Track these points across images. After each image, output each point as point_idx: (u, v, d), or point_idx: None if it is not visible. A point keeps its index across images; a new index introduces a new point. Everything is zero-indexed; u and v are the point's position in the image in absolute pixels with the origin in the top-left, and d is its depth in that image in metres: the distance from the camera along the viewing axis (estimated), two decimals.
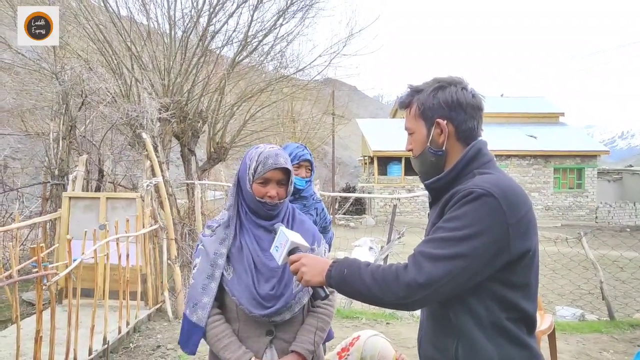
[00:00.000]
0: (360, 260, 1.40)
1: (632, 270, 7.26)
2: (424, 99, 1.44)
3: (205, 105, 8.77)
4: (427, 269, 1.25)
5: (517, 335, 1.34)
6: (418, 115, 1.46)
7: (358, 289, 1.34)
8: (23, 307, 5.24)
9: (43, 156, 7.54)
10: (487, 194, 1.26)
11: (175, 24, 8.18)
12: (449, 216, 1.31)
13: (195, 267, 1.77)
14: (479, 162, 1.40)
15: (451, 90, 1.42)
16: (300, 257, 1.49)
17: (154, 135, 6.19)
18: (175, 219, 6.23)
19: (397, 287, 1.27)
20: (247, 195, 1.77)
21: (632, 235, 14.33)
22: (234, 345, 1.69)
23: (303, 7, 9.07)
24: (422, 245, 1.33)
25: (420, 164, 1.51)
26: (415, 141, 1.49)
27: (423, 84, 1.49)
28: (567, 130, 26.85)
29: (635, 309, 6.62)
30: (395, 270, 1.29)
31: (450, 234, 1.27)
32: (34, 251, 2.96)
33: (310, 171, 2.72)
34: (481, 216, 1.25)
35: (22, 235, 6.73)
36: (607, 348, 4.66)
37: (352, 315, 5.43)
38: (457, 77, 1.47)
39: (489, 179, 1.33)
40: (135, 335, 4.72)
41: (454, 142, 1.43)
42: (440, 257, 1.25)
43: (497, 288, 1.31)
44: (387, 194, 22.90)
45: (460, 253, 1.24)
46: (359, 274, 1.33)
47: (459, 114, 1.41)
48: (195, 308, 1.72)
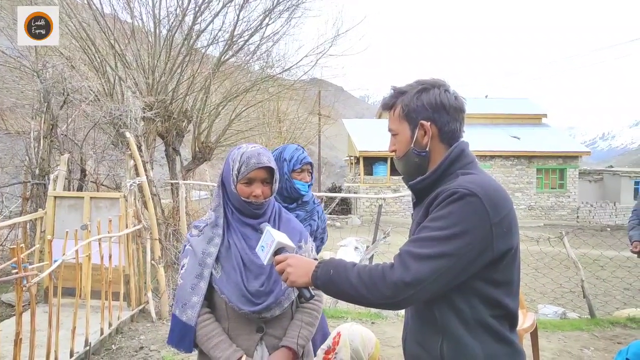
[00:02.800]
0: (346, 261, 1.41)
1: (612, 268, 7.38)
2: (408, 101, 1.46)
3: (190, 104, 8.71)
4: (413, 269, 1.26)
5: (501, 332, 1.37)
6: (402, 117, 1.47)
7: (344, 290, 1.34)
8: (2, 309, 5.14)
9: (23, 155, 7.38)
10: (471, 193, 1.29)
11: (160, 23, 8.11)
12: (433, 216, 1.33)
13: (183, 267, 1.77)
14: (462, 163, 1.43)
15: (434, 93, 1.44)
16: (286, 258, 1.49)
17: (137, 134, 6.12)
18: (160, 219, 6.17)
19: (384, 286, 1.28)
20: (232, 196, 1.77)
21: (612, 235, 14.60)
22: (224, 343, 1.69)
23: (289, 7, 9.08)
24: (408, 245, 1.34)
25: (404, 165, 1.52)
26: (399, 142, 1.51)
27: (406, 85, 1.50)
28: (550, 131, 27.29)
29: (615, 306, 6.74)
30: (382, 270, 1.30)
31: (435, 234, 1.29)
32: (13, 252, 2.90)
33: (311, 174, 2.56)
34: (465, 216, 1.28)
35: (2, 235, 6.60)
36: (588, 345, 4.74)
37: (338, 315, 5.44)
38: (440, 80, 1.49)
39: (472, 179, 1.36)
40: (118, 336, 4.66)
41: (437, 144, 1.45)
42: (426, 257, 1.27)
43: (480, 286, 1.34)
44: (372, 193, 23.00)
45: (446, 252, 1.26)
46: (345, 274, 1.34)
47: (442, 116, 1.43)
48: (184, 308, 1.71)
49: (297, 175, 2.45)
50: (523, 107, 28.93)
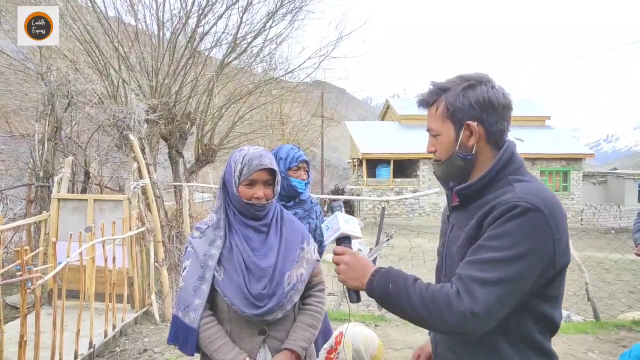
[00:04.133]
0: (404, 274, 1.31)
1: (617, 271, 7.35)
2: (452, 99, 1.33)
3: (193, 106, 8.73)
4: (481, 298, 1.15)
5: (543, 344, 1.30)
6: (446, 117, 1.34)
7: (403, 309, 1.26)
8: (7, 311, 5.15)
9: (28, 157, 7.42)
10: (534, 208, 1.18)
11: (163, 25, 8.14)
12: (493, 233, 1.20)
13: (185, 270, 1.76)
14: (513, 168, 1.32)
15: (482, 90, 1.32)
16: (344, 252, 1.40)
17: (141, 136, 6.13)
18: (163, 221, 6.18)
19: (449, 315, 1.18)
20: (234, 198, 1.77)
21: (617, 237, 14.52)
22: (227, 346, 1.69)
23: (292, 10, 9.10)
24: (469, 268, 1.21)
25: (446, 169, 1.39)
26: (440, 144, 1.38)
27: (448, 81, 1.37)
28: (554, 133, 27.21)
29: (620, 310, 6.71)
30: (447, 296, 1.19)
31: (498, 255, 1.17)
32: (18, 254, 2.91)
33: (308, 173, 2.59)
34: (529, 234, 1.17)
35: (6, 237, 6.62)
36: (593, 348, 4.71)
37: (341, 317, 5.43)
38: (485, 75, 1.36)
39: (531, 189, 1.24)
40: (122, 338, 4.66)
41: (483, 146, 1.34)
42: (492, 282, 1.16)
43: (534, 303, 1.26)
44: (375, 196, 22.97)
45: (512, 276, 1.16)
46: (406, 292, 1.25)
47: (491, 115, 1.31)
48: (187, 310, 1.71)
49: (294, 173, 2.49)
50: (526, 109, 28.85)
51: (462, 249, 1.30)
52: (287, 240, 1.82)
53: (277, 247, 1.77)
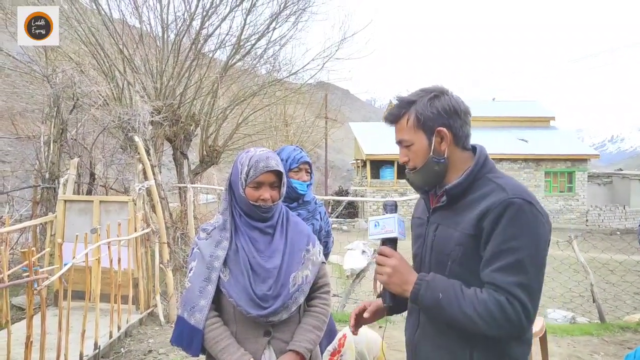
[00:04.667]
0: (449, 281, 1.36)
1: (622, 273, 7.32)
2: (422, 109, 1.44)
3: (197, 108, 8.75)
4: (527, 300, 1.28)
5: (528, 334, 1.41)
6: (417, 126, 1.45)
7: (456, 317, 1.31)
8: (13, 312, 5.18)
9: (33, 159, 7.47)
10: (526, 201, 1.31)
11: (167, 27, 8.17)
12: (506, 236, 1.30)
13: (191, 271, 1.77)
14: (488, 168, 1.44)
15: (446, 99, 1.44)
16: (392, 255, 1.44)
17: (146, 138, 6.16)
18: (168, 222, 6.20)
19: (506, 322, 1.27)
20: (240, 200, 1.78)
21: (622, 239, 14.45)
22: (233, 347, 1.70)
23: (296, 11, 9.11)
24: (503, 274, 1.29)
25: (424, 175, 1.48)
26: (414, 153, 1.47)
27: (413, 94, 1.49)
28: (558, 134, 27.08)
29: (625, 311, 6.67)
30: (499, 304, 1.27)
31: (521, 255, 1.29)
32: (25, 255, 2.93)
33: (310, 174, 2.57)
34: (534, 225, 1.31)
35: (13, 239, 6.66)
36: (598, 350, 4.69)
37: (345, 319, 5.43)
38: (441, 86, 1.49)
39: (515, 185, 1.37)
40: (127, 339, 4.69)
41: (453, 149, 1.45)
42: (529, 283, 1.29)
43: None
44: (379, 197, 22.94)
45: (540, 269, 1.31)
46: (458, 302, 1.31)
47: (456, 121, 1.44)
48: (192, 311, 1.72)
49: (295, 174, 2.47)
50: (531, 110, 28.75)
51: (461, 247, 1.37)
52: (292, 241, 1.82)
53: (283, 249, 1.78)
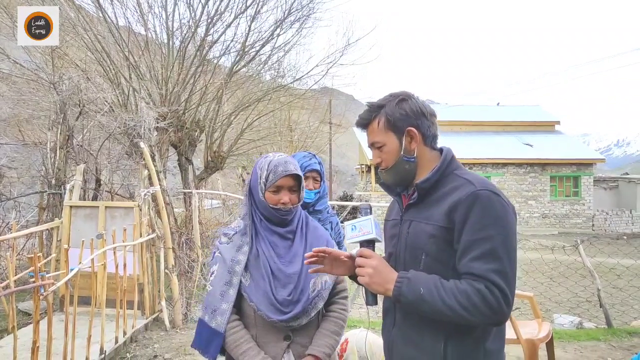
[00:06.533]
0: (429, 276, 1.39)
1: (629, 277, 7.27)
2: (391, 112, 1.52)
3: (202, 114, 8.80)
4: (506, 289, 1.32)
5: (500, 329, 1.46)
6: (388, 128, 1.53)
7: (439, 310, 1.34)
8: (19, 317, 5.20)
9: (40, 165, 7.52)
10: (494, 193, 1.39)
11: (173, 34, 8.24)
12: (477, 226, 1.36)
13: (213, 274, 1.80)
14: (455, 165, 1.53)
15: (412, 102, 1.53)
16: (372, 256, 1.46)
17: (151, 144, 6.19)
18: (173, 228, 6.21)
19: (488, 309, 1.31)
20: (260, 204, 1.81)
21: (629, 243, 14.36)
22: (253, 350, 1.72)
23: (300, 18, 9.17)
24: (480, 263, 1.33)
25: (395, 173, 1.56)
26: (386, 153, 1.55)
27: (381, 99, 1.57)
28: (563, 138, 26.98)
29: (632, 316, 6.62)
30: (479, 292, 1.31)
31: (494, 243, 1.34)
32: (31, 261, 2.95)
33: (320, 182, 2.48)
34: (503, 214, 1.38)
35: (19, 244, 6.69)
36: (605, 356, 4.65)
37: (350, 324, 5.42)
38: (407, 91, 1.58)
39: (481, 179, 1.46)
40: (132, 345, 4.69)
41: (422, 148, 1.54)
42: (503, 269, 1.33)
43: None
44: (384, 202, 22.91)
45: (512, 253, 1.37)
46: (439, 294, 1.34)
47: (424, 122, 1.53)
48: (214, 314, 1.75)
49: None
50: (535, 115, 28.67)
51: (434, 239, 1.43)
52: (312, 246, 1.82)
53: (302, 254, 1.79)
